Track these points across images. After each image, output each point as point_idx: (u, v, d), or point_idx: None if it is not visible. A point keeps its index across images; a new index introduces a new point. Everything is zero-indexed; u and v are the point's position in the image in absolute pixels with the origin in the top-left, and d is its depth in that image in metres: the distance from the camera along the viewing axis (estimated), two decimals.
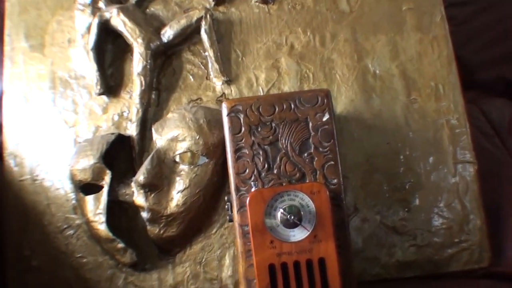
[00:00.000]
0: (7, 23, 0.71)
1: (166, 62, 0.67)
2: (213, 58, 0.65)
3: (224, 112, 0.52)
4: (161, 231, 0.60)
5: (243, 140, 0.51)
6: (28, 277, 0.65)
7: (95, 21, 0.65)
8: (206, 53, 0.66)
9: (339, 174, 0.51)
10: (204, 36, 0.65)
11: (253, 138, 0.51)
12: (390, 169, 0.62)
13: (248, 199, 0.46)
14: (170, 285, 0.63)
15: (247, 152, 0.51)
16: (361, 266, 0.61)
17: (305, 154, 0.51)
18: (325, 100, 0.51)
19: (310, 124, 0.51)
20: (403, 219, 0.61)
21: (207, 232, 0.63)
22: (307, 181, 0.50)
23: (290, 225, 0.45)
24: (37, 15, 0.71)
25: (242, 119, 0.51)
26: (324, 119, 0.51)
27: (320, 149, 0.51)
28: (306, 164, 0.51)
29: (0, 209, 0.69)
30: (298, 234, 0.46)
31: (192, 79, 0.67)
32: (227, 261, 0.63)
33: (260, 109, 0.51)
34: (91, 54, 0.65)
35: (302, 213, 0.46)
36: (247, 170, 0.51)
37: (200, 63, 0.67)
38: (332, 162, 0.51)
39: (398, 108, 0.63)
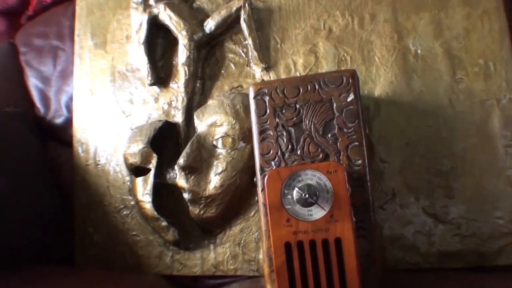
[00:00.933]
0: (77, 25, 0.81)
1: (210, 52, 0.71)
2: (252, 46, 0.67)
3: (251, 95, 0.53)
4: (201, 212, 0.64)
5: (267, 122, 0.52)
6: (91, 251, 0.74)
7: (145, 17, 0.71)
8: (246, 42, 0.68)
9: (363, 155, 0.50)
10: (243, 25, 0.67)
11: (277, 119, 0.52)
12: (432, 153, 0.59)
13: (266, 178, 0.48)
14: (212, 264, 0.67)
15: (271, 134, 0.52)
16: (398, 254, 0.58)
17: (329, 135, 0.51)
18: (350, 80, 0.51)
19: (334, 105, 0.51)
20: (446, 206, 0.58)
21: (246, 214, 0.66)
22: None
23: (306, 204, 0.45)
24: (101, 16, 0.79)
25: (267, 102, 0.53)
26: (349, 99, 0.51)
27: (344, 129, 0.50)
28: (329, 145, 0.50)
29: (71, 190, 0.78)
30: (315, 214, 0.46)
31: (233, 67, 0.69)
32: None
33: (285, 91, 0.52)
34: (142, 47, 0.71)
35: (319, 192, 0.45)
36: (271, 151, 0.52)
37: (241, 51, 0.69)
38: (357, 143, 0.50)
39: (441, 89, 0.59)
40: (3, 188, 0.72)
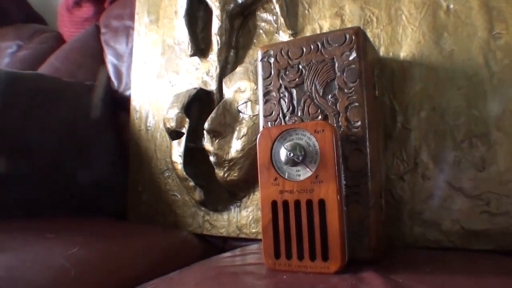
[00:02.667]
0: (137, 3, 0.89)
1: (243, 22, 0.72)
2: (279, 13, 0.67)
3: (259, 57, 0.54)
4: (225, 175, 0.67)
5: (271, 84, 0.52)
6: (140, 209, 0.82)
7: None
8: (276, 9, 0.68)
9: (363, 116, 0.47)
10: None
11: (280, 81, 0.52)
12: (461, 120, 0.52)
13: (258, 136, 0.48)
14: (237, 226, 0.69)
15: (274, 95, 0.52)
16: (418, 230, 0.54)
17: (329, 96, 0.49)
18: (353, 38, 0.48)
19: (336, 65, 0.49)
20: (474, 179, 0.51)
21: None
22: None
23: (292, 163, 0.45)
24: None
25: (272, 63, 0.53)
26: (351, 58, 0.48)
27: (345, 90, 0.48)
28: (329, 106, 0.49)
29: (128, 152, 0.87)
30: (303, 174, 0.45)
31: (264, 36, 0.70)
32: None
33: (289, 53, 0.52)
34: (183, 20, 0.76)
35: (306, 152, 0.44)
36: (273, 113, 0.52)
37: (271, 19, 0.69)
38: (356, 104, 0.47)
39: (475, 46, 0.52)
40: (76, 147, 0.84)
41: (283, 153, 0.45)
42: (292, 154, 0.44)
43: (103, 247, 0.62)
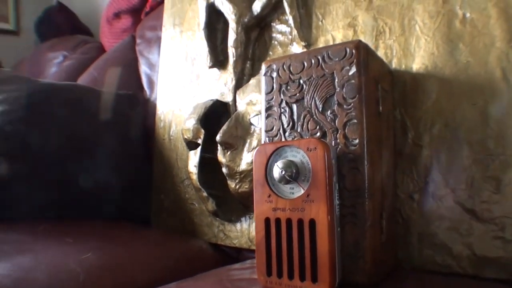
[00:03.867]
0: (164, 16, 0.91)
1: (260, 34, 0.72)
2: (292, 25, 0.66)
3: (262, 72, 0.53)
4: (237, 186, 0.67)
5: (273, 99, 0.52)
6: (162, 215, 0.84)
7: (204, 3, 0.76)
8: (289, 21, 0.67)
9: (361, 134, 0.45)
10: (285, 3, 0.66)
11: (282, 96, 0.51)
12: (476, 137, 0.49)
13: (254, 153, 0.47)
14: (248, 238, 0.69)
15: (276, 110, 0.51)
16: (426, 253, 0.51)
17: (328, 112, 0.47)
18: (354, 52, 0.46)
19: (336, 80, 0.47)
20: (488, 202, 0.47)
21: None
22: (327, 140, 0.47)
23: (284, 181, 0.44)
24: (181, 7, 0.87)
25: (274, 78, 0.52)
26: (350, 73, 0.46)
27: (344, 106, 0.46)
28: (327, 122, 0.47)
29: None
30: (296, 192, 0.44)
31: (279, 48, 0.69)
32: None
33: (291, 67, 0.51)
34: (202, 33, 0.77)
35: (300, 170, 0.44)
36: (274, 128, 0.51)
37: (287, 31, 0.69)
38: (355, 121, 0.45)
39: (493, 58, 0.48)
40: (108, 154, 0.88)
41: (276, 171, 0.44)
42: (284, 172, 0.44)
43: (116, 252, 0.65)
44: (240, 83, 0.72)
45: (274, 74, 0.52)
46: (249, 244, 0.69)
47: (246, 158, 0.65)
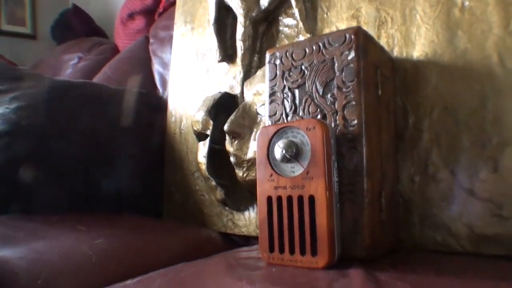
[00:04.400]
0: (176, 14, 0.95)
1: (267, 28, 0.74)
2: (298, 18, 0.68)
3: (266, 60, 0.56)
4: (244, 175, 0.69)
5: (276, 85, 0.54)
6: (172, 207, 0.86)
7: (214, 0, 0.78)
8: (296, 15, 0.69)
9: (360, 115, 0.47)
10: None
11: (284, 82, 0.53)
12: (474, 121, 0.50)
13: (257, 134, 0.50)
14: (256, 225, 0.71)
15: (279, 96, 0.54)
16: (427, 233, 0.52)
17: (328, 95, 0.49)
18: (353, 37, 0.48)
19: (336, 64, 0.49)
20: (487, 181, 0.49)
21: None
22: (327, 122, 0.49)
23: (285, 160, 0.46)
24: (192, 5, 0.90)
25: (278, 65, 0.54)
26: (350, 57, 0.48)
27: (343, 89, 0.48)
28: (327, 105, 0.49)
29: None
30: (297, 171, 0.46)
31: (286, 41, 0.71)
32: None
33: (293, 54, 0.53)
34: (212, 28, 0.80)
35: (300, 149, 0.46)
36: (277, 112, 0.54)
37: (293, 24, 0.71)
38: (353, 103, 0.47)
39: (490, 44, 0.50)
40: (124, 148, 0.91)
41: (277, 151, 0.47)
42: (285, 151, 0.46)
43: (127, 239, 0.67)
44: (248, 75, 0.74)
45: (278, 62, 0.54)
46: (257, 231, 0.71)
47: (253, 147, 0.67)
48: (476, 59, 0.51)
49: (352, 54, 0.48)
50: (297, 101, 0.52)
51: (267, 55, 0.56)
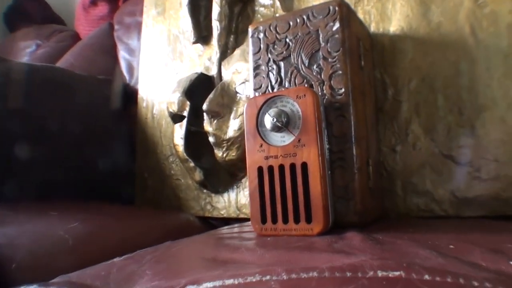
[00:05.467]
0: None
1: (243, 8, 0.74)
2: None
3: (249, 34, 0.56)
4: (224, 154, 0.68)
5: (260, 58, 0.54)
6: (146, 194, 0.84)
7: None
8: None
9: (347, 84, 0.48)
10: None
11: (269, 55, 0.53)
12: (450, 89, 0.52)
13: (245, 105, 0.49)
14: (237, 207, 0.71)
15: (263, 69, 0.54)
16: (410, 200, 0.54)
17: (314, 66, 0.50)
18: (336, 9, 0.49)
19: (321, 36, 0.50)
20: (464, 146, 0.51)
21: None
22: None
23: (275, 129, 0.46)
24: None
25: (261, 39, 0.54)
26: (334, 28, 0.49)
27: (329, 59, 0.49)
28: (314, 76, 0.50)
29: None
30: (287, 139, 0.46)
31: (262, 20, 0.71)
32: None
33: (277, 28, 0.53)
34: (186, 9, 0.78)
35: (290, 118, 0.46)
36: (263, 85, 0.54)
37: (269, 4, 0.71)
38: (340, 72, 0.48)
39: (462, 16, 0.52)
40: (91, 136, 0.88)
41: (267, 120, 0.46)
42: (276, 120, 0.46)
43: (104, 223, 0.65)
44: (224, 55, 0.74)
45: (261, 35, 0.54)
46: (237, 213, 0.70)
47: (233, 125, 0.67)
48: (450, 31, 0.53)
49: (337, 25, 0.49)
50: (282, 73, 0.52)
51: (250, 30, 0.55)
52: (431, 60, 0.54)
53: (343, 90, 0.48)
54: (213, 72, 0.75)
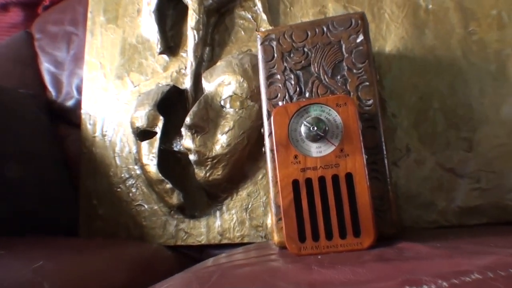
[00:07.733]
0: (90, 2, 0.82)
1: (219, 19, 0.71)
2: (261, 9, 0.67)
3: (259, 42, 0.52)
4: (207, 174, 0.62)
5: (275, 67, 0.51)
6: (95, 224, 0.72)
7: None
8: (256, 7, 0.68)
9: (375, 95, 0.48)
10: None
11: (285, 64, 0.51)
12: (447, 106, 0.56)
13: (273, 114, 0.46)
14: (218, 232, 0.64)
15: (279, 78, 0.51)
16: (415, 213, 0.55)
17: (338, 77, 0.49)
18: (359, 22, 0.49)
19: (344, 47, 0.49)
20: (464, 160, 0.55)
21: (253, 178, 0.63)
22: None
23: (314, 139, 0.43)
24: None
25: (275, 47, 0.51)
26: (358, 40, 0.49)
27: (354, 70, 0.48)
28: (339, 86, 0.49)
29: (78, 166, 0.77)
30: (325, 150, 0.44)
31: (243, 33, 0.69)
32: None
33: (293, 36, 0.51)
34: (153, 16, 0.72)
35: (328, 127, 0.43)
36: (279, 95, 0.50)
37: (250, 17, 0.69)
38: (367, 83, 0.48)
39: (454, 41, 0.57)
40: (14, 161, 0.72)
41: (304, 129, 0.43)
42: (316, 128, 0.43)
43: (71, 259, 0.53)
44: (199, 68, 0.69)
45: (274, 43, 0.52)
46: (219, 238, 0.64)
47: (221, 141, 0.61)
48: (443, 54, 0.57)
49: (360, 37, 0.49)
50: (302, 83, 0.50)
51: (259, 37, 0.52)
52: (427, 79, 0.57)
53: (371, 101, 0.47)
54: (185, 85, 0.69)
